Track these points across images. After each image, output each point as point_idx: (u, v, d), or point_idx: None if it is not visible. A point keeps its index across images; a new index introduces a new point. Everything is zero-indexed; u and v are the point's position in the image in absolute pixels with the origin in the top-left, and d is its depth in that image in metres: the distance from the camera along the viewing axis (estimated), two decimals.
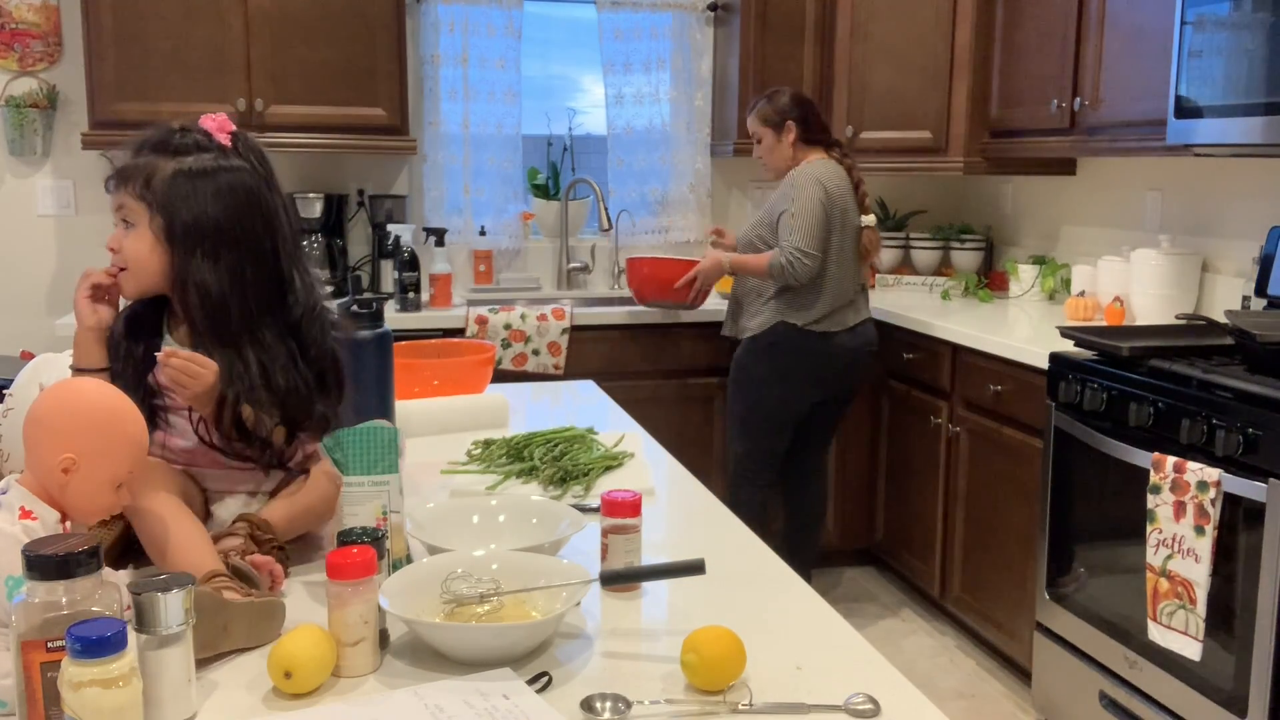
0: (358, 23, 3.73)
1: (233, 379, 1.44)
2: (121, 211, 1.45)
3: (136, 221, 1.44)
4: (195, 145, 1.45)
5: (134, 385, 1.44)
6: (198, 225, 1.42)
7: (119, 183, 1.45)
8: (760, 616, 1.34)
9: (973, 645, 3.51)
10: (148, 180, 1.43)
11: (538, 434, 2.02)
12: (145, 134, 1.48)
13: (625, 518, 1.41)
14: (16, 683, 0.99)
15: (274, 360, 1.46)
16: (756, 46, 4.06)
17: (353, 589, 1.16)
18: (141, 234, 1.43)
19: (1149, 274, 3.25)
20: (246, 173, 1.47)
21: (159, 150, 1.44)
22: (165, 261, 1.44)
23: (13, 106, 3.79)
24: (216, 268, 1.43)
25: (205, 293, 1.43)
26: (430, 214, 4.16)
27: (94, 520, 1.24)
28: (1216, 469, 2.25)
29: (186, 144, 1.45)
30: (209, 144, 1.46)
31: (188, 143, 1.45)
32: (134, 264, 1.44)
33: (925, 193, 4.61)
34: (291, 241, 1.51)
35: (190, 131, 1.47)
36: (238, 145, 1.48)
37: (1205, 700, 2.34)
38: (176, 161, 1.43)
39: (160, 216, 1.42)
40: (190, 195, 1.42)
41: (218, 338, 1.44)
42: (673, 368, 3.85)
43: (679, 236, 4.42)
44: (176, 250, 1.43)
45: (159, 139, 1.46)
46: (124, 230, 1.45)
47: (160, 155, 1.44)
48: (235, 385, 1.43)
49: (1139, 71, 3.05)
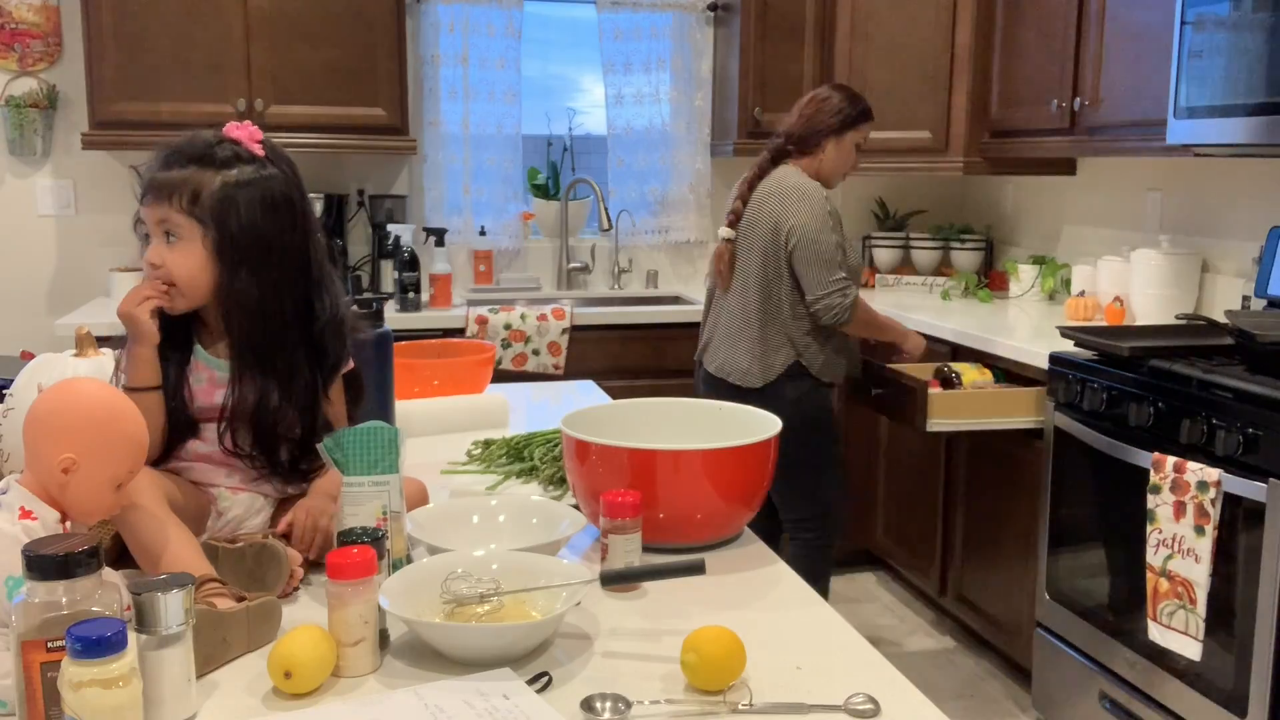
0: (358, 23, 3.73)
1: (266, 398, 1.44)
2: (164, 225, 1.42)
3: (185, 236, 1.42)
4: (236, 157, 1.44)
5: (171, 395, 1.45)
6: (247, 240, 1.42)
7: (159, 196, 1.42)
8: (760, 616, 1.34)
9: (973, 645, 3.51)
10: (195, 195, 1.41)
11: (538, 434, 2.02)
12: (179, 144, 1.45)
13: (625, 518, 1.41)
14: (16, 683, 0.99)
15: (300, 375, 1.47)
16: (756, 46, 4.06)
17: (353, 589, 1.16)
18: (193, 250, 1.42)
19: (1149, 274, 3.25)
20: (283, 181, 1.47)
21: (202, 163, 1.42)
22: (215, 277, 1.43)
23: (13, 106, 3.79)
24: (261, 281, 1.43)
25: (250, 307, 1.43)
26: (430, 214, 4.16)
27: (94, 520, 1.24)
28: (1216, 469, 2.25)
29: (228, 156, 1.44)
30: (246, 154, 1.45)
31: (228, 154, 1.44)
32: (185, 281, 1.42)
33: (925, 193, 4.61)
34: (322, 249, 1.52)
35: (228, 142, 1.45)
36: (269, 154, 1.48)
37: (1205, 700, 2.34)
38: (222, 175, 1.42)
39: (215, 232, 1.41)
40: (240, 209, 1.42)
41: (255, 352, 1.45)
42: (673, 368, 3.85)
43: (679, 237, 4.42)
44: (226, 265, 1.42)
45: (199, 151, 1.43)
46: (166, 244, 1.42)
47: (203, 168, 1.42)
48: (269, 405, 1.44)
49: (1139, 71, 3.05)
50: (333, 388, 1.56)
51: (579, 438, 1.56)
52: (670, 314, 3.91)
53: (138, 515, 1.30)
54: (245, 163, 1.44)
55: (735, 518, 1.59)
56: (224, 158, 1.43)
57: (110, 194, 3.92)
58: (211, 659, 1.17)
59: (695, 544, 1.55)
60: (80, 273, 3.95)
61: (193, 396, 1.47)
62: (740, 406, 1.79)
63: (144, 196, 1.44)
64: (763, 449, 1.57)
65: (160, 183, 1.42)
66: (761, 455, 1.57)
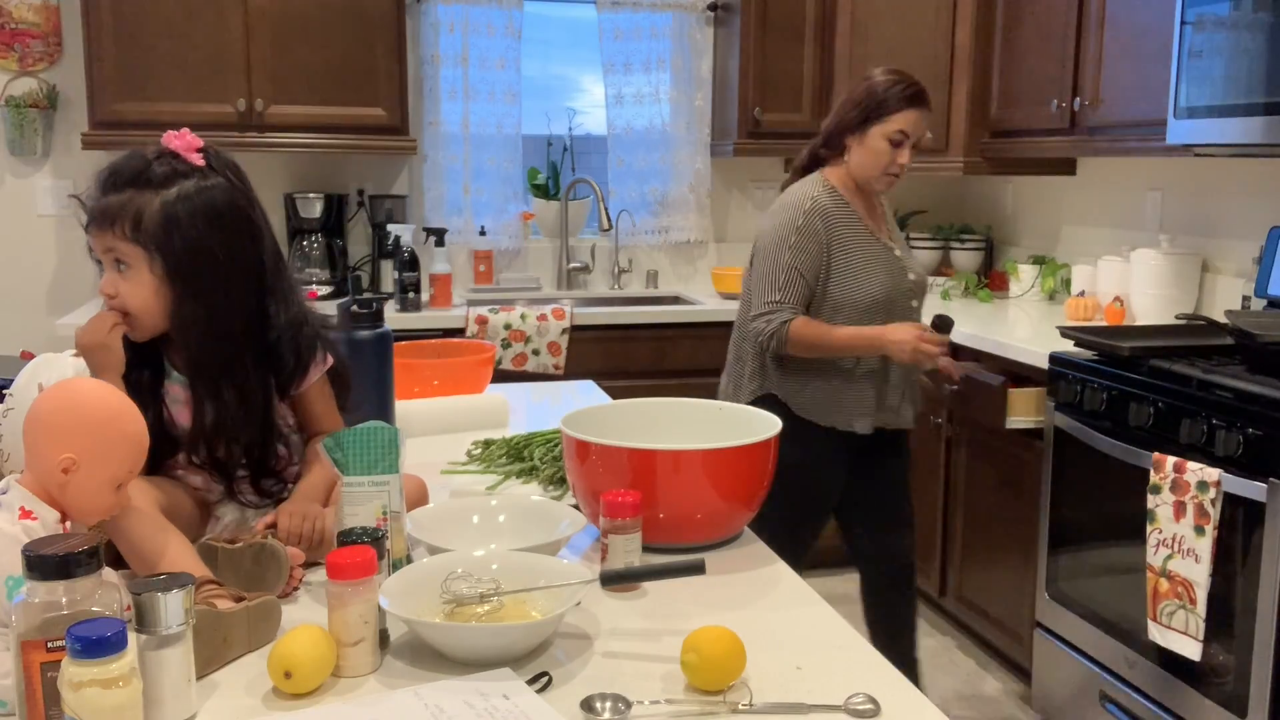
0: (358, 23, 3.73)
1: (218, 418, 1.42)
2: (111, 254, 1.39)
3: (133, 264, 1.38)
4: (174, 173, 1.39)
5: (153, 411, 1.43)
6: (196, 258, 1.38)
7: (102, 224, 1.38)
8: (760, 616, 1.34)
9: (973, 645, 3.51)
10: (136, 221, 1.36)
11: (538, 434, 2.02)
12: (116, 165, 1.41)
13: (625, 518, 1.41)
14: (16, 683, 0.99)
15: (253, 388, 1.45)
16: (756, 46, 4.06)
17: (353, 589, 1.16)
18: (142, 279, 1.39)
19: (1149, 274, 3.25)
20: (226, 189, 1.42)
21: (139, 184, 1.38)
22: (169, 301, 1.40)
23: (13, 106, 3.79)
24: (212, 299, 1.40)
25: (201, 326, 1.40)
26: (430, 214, 4.16)
27: (94, 520, 1.24)
28: (1216, 469, 2.25)
29: (165, 172, 1.39)
30: (185, 167, 1.40)
31: (166, 171, 1.39)
32: (140, 311, 1.40)
33: (925, 193, 4.61)
34: (274, 254, 1.47)
35: (164, 158, 1.40)
36: (211, 162, 1.43)
37: (1205, 700, 2.34)
38: (161, 194, 1.37)
39: (160, 258, 1.37)
40: (183, 228, 1.37)
41: (209, 371, 1.42)
42: (673, 368, 3.85)
43: (679, 236, 4.42)
44: (177, 287, 1.39)
45: (134, 172, 1.39)
46: (118, 273, 1.39)
47: (141, 190, 1.37)
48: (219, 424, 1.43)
49: (1139, 71, 3.05)
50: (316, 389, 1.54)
51: (579, 438, 1.56)
52: (670, 314, 3.91)
53: (132, 519, 1.29)
54: (184, 177, 1.39)
55: (735, 518, 1.59)
56: (162, 175, 1.38)
57: None
58: (212, 659, 1.17)
59: (695, 544, 1.55)
60: (80, 273, 3.95)
61: (172, 417, 1.46)
62: (741, 407, 1.79)
63: (88, 225, 1.40)
64: (763, 449, 1.56)
65: (101, 211, 1.38)
66: (761, 455, 1.57)
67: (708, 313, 3.89)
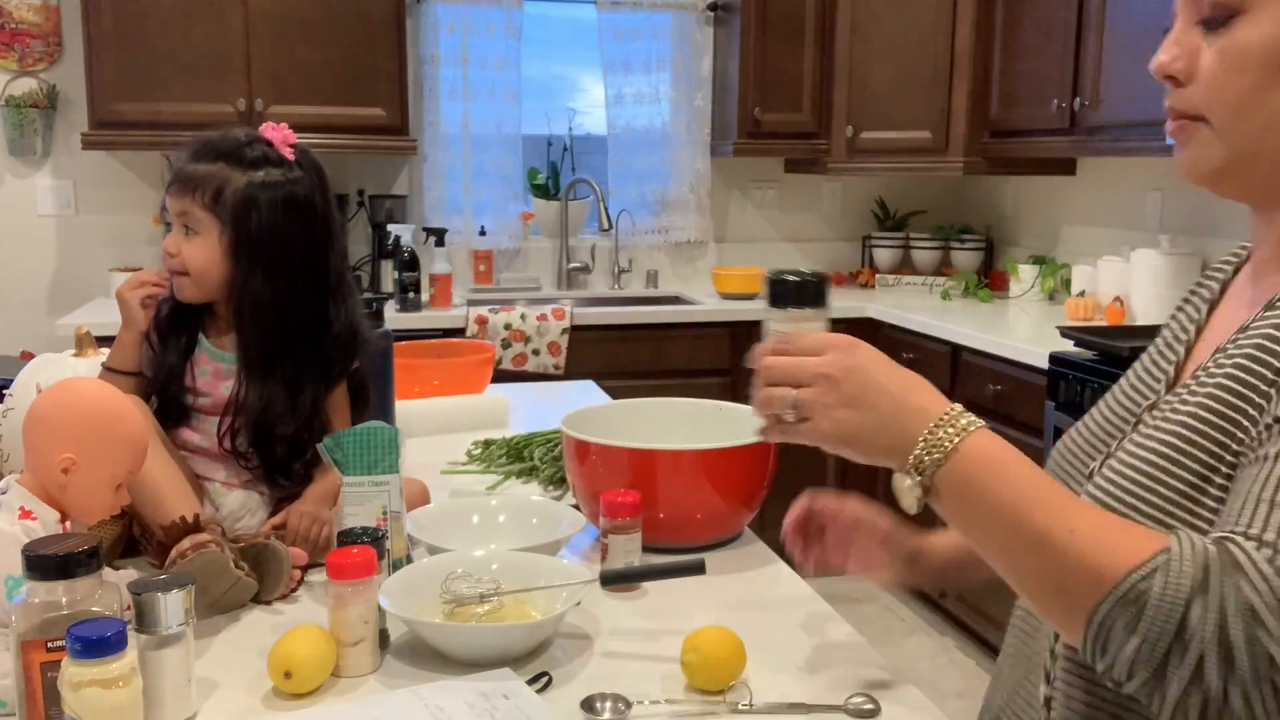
0: (358, 23, 3.73)
1: (270, 401, 1.45)
2: (185, 218, 1.44)
3: (202, 231, 1.43)
4: (264, 159, 1.45)
5: (177, 375, 1.47)
6: (265, 242, 1.43)
7: (183, 188, 1.44)
8: (760, 616, 1.34)
9: (973, 645, 3.51)
10: (218, 193, 1.42)
11: (538, 434, 2.02)
12: (210, 138, 1.46)
13: (625, 518, 1.41)
14: (16, 683, 0.99)
15: (306, 382, 1.48)
16: (756, 46, 4.06)
17: (353, 589, 1.16)
18: (208, 245, 1.43)
19: (1149, 274, 3.25)
20: (308, 186, 1.47)
21: (230, 161, 1.44)
22: (228, 274, 1.44)
23: (13, 106, 3.79)
24: (274, 284, 1.44)
25: (261, 308, 1.44)
26: (430, 214, 4.16)
27: (94, 520, 1.24)
28: None
29: (257, 157, 1.44)
30: (276, 156, 1.46)
31: (258, 155, 1.44)
32: (198, 273, 1.44)
33: (925, 193, 4.61)
34: (341, 259, 1.52)
35: (259, 142, 1.46)
36: (300, 159, 1.48)
37: None
38: (248, 175, 1.43)
39: (230, 232, 1.43)
40: (260, 211, 1.43)
41: (263, 354, 1.46)
42: (673, 368, 3.85)
43: (679, 237, 4.42)
44: (241, 264, 1.43)
45: (230, 148, 1.45)
46: (184, 236, 1.44)
47: (231, 166, 1.43)
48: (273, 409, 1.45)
49: (1139, 71, 3.05)
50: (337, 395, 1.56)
51: (579, 438, 1.56)
52: (670, 314, 3.91)
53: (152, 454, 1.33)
54: (273, 165, 1.45)
55: (735, 518, 1.59)
56: (253, 158, 1.44)
57: (110, 194, 3.92)
58: (230, 602, 1.22)
59: (695, 544, 1.55)
60: (80, 273, 3.95)
61: (196, 386, 1.48)
62: (742, 407, 1.79)
63: (170, 185, 1.46)
64: (763, 449, 1.56)
65: (187, 175, 1.44)
66: (761, 455, 1.57)
67: (708, 313, 3.89)
